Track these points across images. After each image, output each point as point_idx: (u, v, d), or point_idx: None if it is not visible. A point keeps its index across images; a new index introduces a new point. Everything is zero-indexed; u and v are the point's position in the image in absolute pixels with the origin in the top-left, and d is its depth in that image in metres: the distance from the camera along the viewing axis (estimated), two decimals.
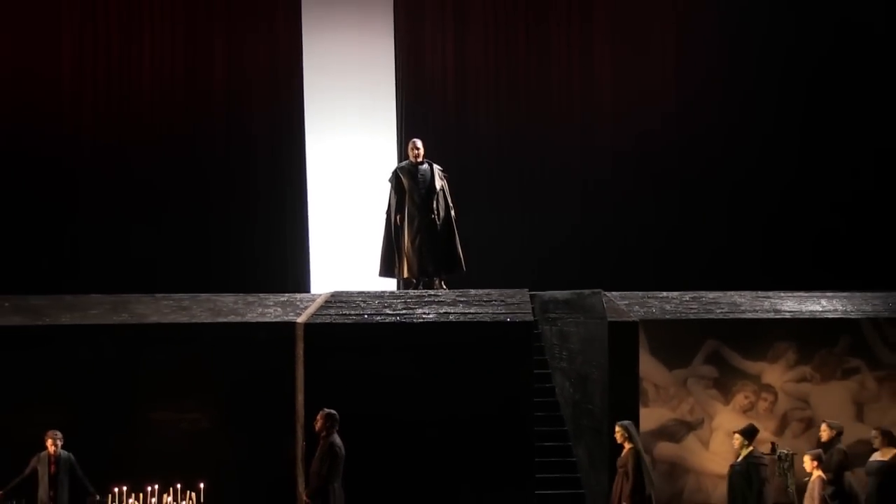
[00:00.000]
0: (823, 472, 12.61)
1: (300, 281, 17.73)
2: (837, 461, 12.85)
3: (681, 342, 14.56)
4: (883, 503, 12.79)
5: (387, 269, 15.70)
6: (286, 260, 17.93)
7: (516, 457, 13.17)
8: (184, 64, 18.12)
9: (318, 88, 18.23)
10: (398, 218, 15.52)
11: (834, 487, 12.64)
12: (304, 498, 12.54)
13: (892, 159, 17.95)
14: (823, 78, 18.24)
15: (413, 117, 18.11)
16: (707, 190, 18.29)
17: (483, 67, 18.50)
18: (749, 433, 13.00)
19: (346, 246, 17.76)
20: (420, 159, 15.65)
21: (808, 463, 12.66)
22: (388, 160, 17.33)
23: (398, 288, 15.87)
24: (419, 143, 15.72)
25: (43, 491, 13.03)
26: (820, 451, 12.83)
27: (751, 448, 12.99)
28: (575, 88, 18.63)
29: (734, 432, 13.13)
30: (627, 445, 12.67)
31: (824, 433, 13.18)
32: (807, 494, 12.58)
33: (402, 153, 16.73)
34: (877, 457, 12.96)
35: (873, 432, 13.16)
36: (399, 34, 18.38)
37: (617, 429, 12.76)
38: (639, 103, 18.51)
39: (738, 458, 12.98)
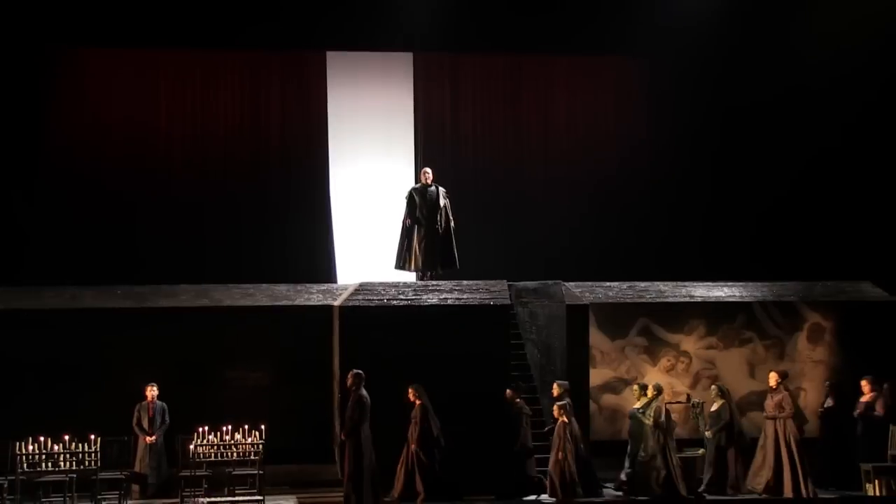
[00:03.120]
0: (567, 418, 12.76)
1: (329, 274, 17.44)
2: (567, 411, 12.83)
3: (620, 319, 14.67)
4: (633, 440, 12.97)
5: (400, 264, 15.60)
6: (318, 258, 17.68)
7: (497, 406, 13.12)
8: (245, 116, 18.05)
9: (346, 132, 17.94)
10: (408, 222, 15.41)
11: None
12: (341, 437, 12.55)
13: (778, 191, 17.92)
14: (729, 131, 18.11)
15: (424, 152, 17.96)
16: (639, 209, 18.08)
17: (472, 117, 18.41)
18: (516, 389, 13.09)
19: (365, 246, 17.52)
20: (429, 183, 15.56)
21: (556, 411, 12.80)
22: (404, 183, 17.09)
23: (416, 278, 15.65)
24: (429, 171, 15.67)
25: (143, 432, 13.20)
26: (565, 402, 12.87)
27: (518, 401, 12.97)
28: (540, 134, 18.51)
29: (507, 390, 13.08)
30: (418, 402, 12.63)
31: (555, 390, 13.10)
32: (554, 434, 12.74)
33: (417, 177, 16.58)
34: (636, 405, 13.14)
35: (634, 387, 13.38)
36: (417, 94, 18.23)
37: (410, 389, 12.68)
38: (588, 146, 18.42)
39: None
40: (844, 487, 13.15)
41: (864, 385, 13.36)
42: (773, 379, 13.16)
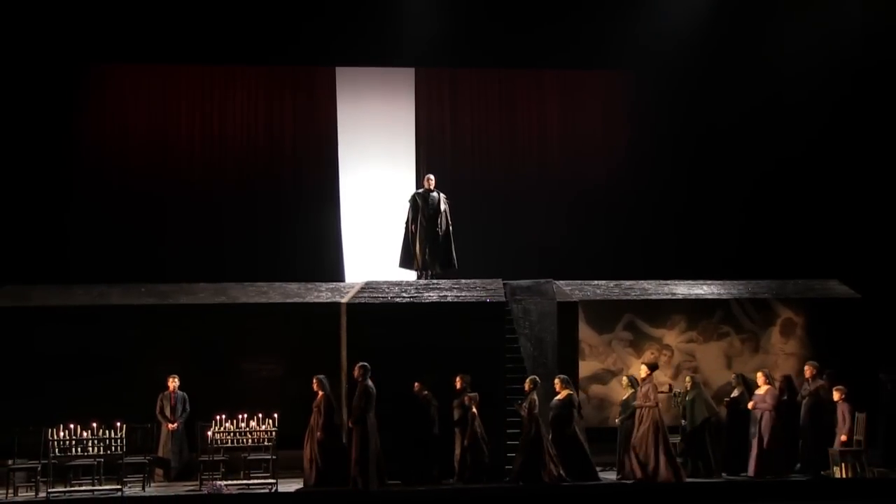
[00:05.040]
0: (476, 409, 12.67)
1: (337, 273, 17.37)
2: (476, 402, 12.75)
3: (607, 315, 14.69)
4: (555, 429, 12.77)
5: (404, 263, 15.41)
6: (327, 258, 17.63)
7: (493, 394, 13.08)
8: (260, 127, 18.04)
9: (353, 141, 17.94)
10: (413, 227, 15.24)
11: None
12: (349, 424, 12.54)
13: (752, 195, 17.91)
14: (706, 139, 18.06)
15: (425, 160, 17.94)
16: (625, 213, 18.06)
17: (469, 127, 18.36)
18: (423, 382, 12.91)
19: (371, 248, 17.50)
20: (431, 188, 15.35)
21: (467, 401, 12.65)
22: (406, 188, 16.98)
23: (417, 277, 15.38)
24: (432, 178, 15.47)
25: (165, 420, 13.23)
26: (476, 394, 12.75)
27: (425, 392, 12.78)
28: (533, 143, 18.46)
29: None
30: (321, 393, 12.58)
31: (458, 383, 12.83)
32: (467, 423, 12.63)
33: (419, 183, 16.59)
34: (558, 397, 12.87)
35: (556, 380, 12.99)
36: (419, 105, 18.22)
37: (314, 381, 12.62)
38: (578, 154, 18.41)
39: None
40: (734, 472, 13.10)
41: (760, 377, 13.18)
42: (643, 371, 12.96)
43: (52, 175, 17.17)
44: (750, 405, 13.05)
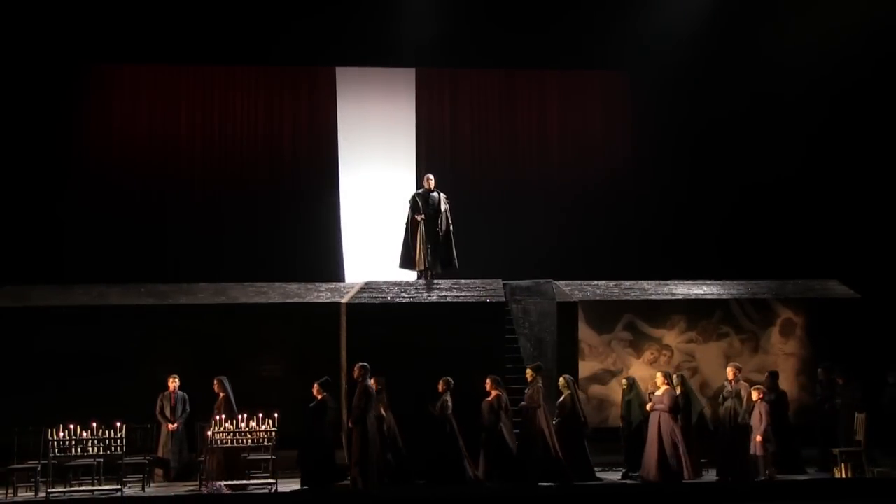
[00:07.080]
0: (385, 411, 12.48)
1: (337, 273, 17.43)
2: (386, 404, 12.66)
3: (606, 315, 14.64)
4: (483, 429, 12.65)
5: (404, 263, 15.26)
6: (327, 258, 17.67)
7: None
8: (261, 127, 18.11)
9: (353, 141, 18.02)
10: (415, 219, 14.97)
11: None
12: (348, 424, 12.54)
13: (753, 196, 17.92)
14: (705, 139, 18.06)
15: (426, 159, 17.98)
16: (625, 213, 18.15)
17: (469, 127, 18.44)
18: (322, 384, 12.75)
19: (371, 248, 17.54)
20: (432, 188, 15.20)
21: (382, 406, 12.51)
22: (407, 188, 16.90)
23: (417, 277, 15.25)
24: (432, 177, 15.31)
25: (165, 420, 13.21)
26: (383, 396, 12.64)
27: (324, 394, 12.63)
28: (532, 143, 18.55)
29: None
30: (222, 394, 12.55)
31: (373, 385, 12.53)
32: (383, 425, 12.48)
33: (419, 183, 16.52)
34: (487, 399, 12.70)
35: (487, 379, 12.79)
36: (419, 105, 18.29)
37: (215, 381, 12.58)
38: (577, 154, 18.50)
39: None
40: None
41: (659, 377, 12.96)
42: (528, 374, 12.91)
43: (52, 175, 17.24)
44: (648, 406, 12.91)
